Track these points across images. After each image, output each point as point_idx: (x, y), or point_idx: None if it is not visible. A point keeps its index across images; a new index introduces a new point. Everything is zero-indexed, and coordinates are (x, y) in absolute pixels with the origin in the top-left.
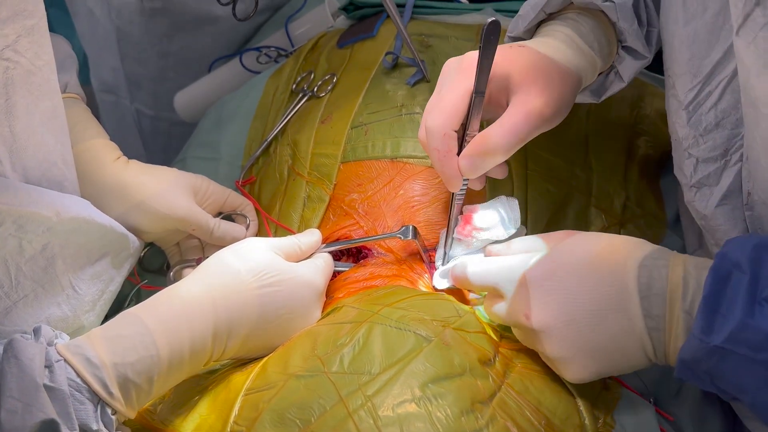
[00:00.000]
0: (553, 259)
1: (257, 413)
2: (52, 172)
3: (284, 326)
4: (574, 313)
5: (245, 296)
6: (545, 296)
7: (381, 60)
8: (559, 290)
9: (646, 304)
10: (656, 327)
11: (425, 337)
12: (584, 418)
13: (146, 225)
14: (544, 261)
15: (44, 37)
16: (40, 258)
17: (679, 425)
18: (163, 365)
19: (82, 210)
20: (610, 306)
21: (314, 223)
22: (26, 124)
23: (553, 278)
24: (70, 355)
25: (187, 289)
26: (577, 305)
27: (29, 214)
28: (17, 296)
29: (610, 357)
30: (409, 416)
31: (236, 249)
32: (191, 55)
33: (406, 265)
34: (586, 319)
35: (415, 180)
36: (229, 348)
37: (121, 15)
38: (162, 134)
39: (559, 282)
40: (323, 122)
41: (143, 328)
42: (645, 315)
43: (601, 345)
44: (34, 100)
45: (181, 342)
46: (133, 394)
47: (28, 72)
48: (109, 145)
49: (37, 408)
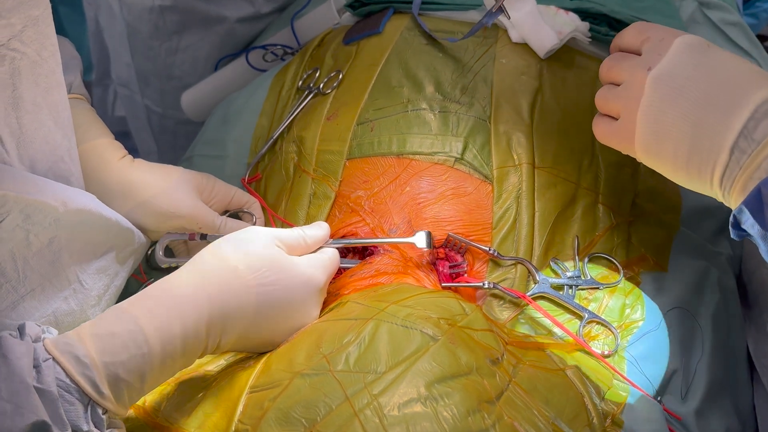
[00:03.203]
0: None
1: (262, 412)
2: (59, 166)
3: (281, 324)
4: (688, 88)
5: (242, 294)
6: (677, 62)
7: (388, 53)
8: (690, 67)
9: (752, 124)
10: (744, 150)
11: (432, 335)
12: (592, 417)
13: (152, 223)
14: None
15: (49, 28)
16: (47, 251)
17: (686, 425)
18: (155, 362)
19: (88, 202)
20: (720, 102)
21: (319, 220)
22: (33, 116)
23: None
24: (58, 353)
25: (182, 283)
26: (693, 83)
27: (36, 202)
28: (24, 290)
29: (680, 142)
30: (415, 416)
31: (236, 240)
32: (198, 53)
33: (412, 262)
34: (693, 96)
35: (421, 177)
36: (223, 344)
37: (131, 11)
38: (169, 132)
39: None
40: (329, 119)
41: (135, 326)
42: (743, 132)
43: (685, 126)
44: (41, 92)
45: (173, 339)
46: (125, 393)
47: (34, 63)
48: (114, 144)
49: (28, 410)
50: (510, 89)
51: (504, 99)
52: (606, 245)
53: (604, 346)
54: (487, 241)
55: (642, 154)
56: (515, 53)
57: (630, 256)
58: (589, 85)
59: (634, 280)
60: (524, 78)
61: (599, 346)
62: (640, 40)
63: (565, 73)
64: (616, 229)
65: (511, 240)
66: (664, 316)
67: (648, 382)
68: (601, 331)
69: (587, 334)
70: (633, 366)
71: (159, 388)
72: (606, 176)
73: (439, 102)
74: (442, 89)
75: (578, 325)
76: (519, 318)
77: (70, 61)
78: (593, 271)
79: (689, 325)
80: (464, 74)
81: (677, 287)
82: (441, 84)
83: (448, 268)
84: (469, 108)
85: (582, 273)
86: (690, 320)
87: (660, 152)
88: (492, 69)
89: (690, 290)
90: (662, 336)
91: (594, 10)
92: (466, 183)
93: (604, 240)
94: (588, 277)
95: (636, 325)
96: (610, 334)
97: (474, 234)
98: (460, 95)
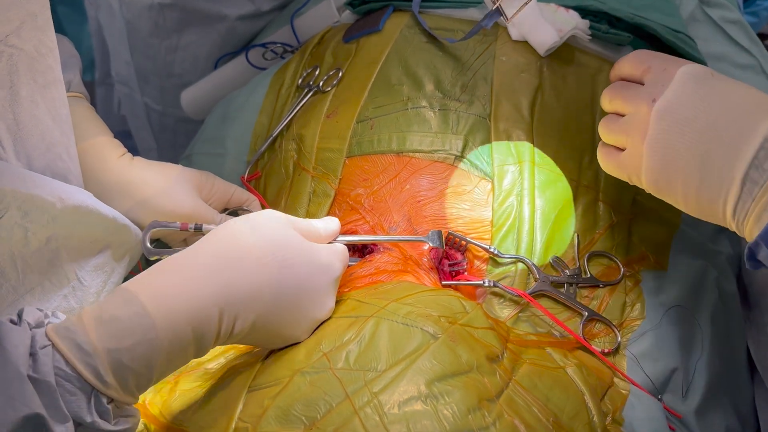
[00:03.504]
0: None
1: (262, 410)
2: (57, 164)
3: (296, 313)
4: (695, 119)
5: (259, 275)
6: (681, 93)
7: (388, 52)
8: (696, 98)
9: (762, 154)
10: (756, 181)
11: (432, 333)
12: (593, 415)
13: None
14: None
15: (47, 25)
16: (46, 250)
17: (686, 423)
18: (163, 349)
19: (85, 199)
20: (728, 133)
21: (320, 218)
22: (31, 112)
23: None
24: (58, 340)
25: (193, 262)
26: (700, 114)
27: (33, 197)
28: (24, 289)
29: (689, 175)
30: (415, 414)
31: (252, 220)
32: (198, 51)
33: (412, 260)
34: (700, 127)
35: (421, 174)
36: (237, 331)
37: (131, 9)
38: (168, 130)
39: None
40: (329, 117)
41: (140, 308)
42: (753, 162)
43: (693, 159)
44: (38, 88)
45: (183, 323)
46: (131, 381)
47: (32, 59)
48: (113, 143)
49: (21, 401)
50: (510, 87)
51: (504, 97)
52: (606, 243)
53: (604, 344)
54: (487, 239)
55: (650, 186)
56: (515, 51)
57: (630, 254)
58: (589, 82)
59: (634, 278)
60: (524, 76)
61: (599, 344)
62: (642, 69)
63: (565, 71)
64: (616, 227)
65: (512, 238)
66: (664, 315)
67: (648, 380)
68: (601, 329)
69: (588, 332)
70: (633, 364)
71: (158, 385)
72: (606, 174)
73: (439, 100)
74: (442, 87)
75: (578, 323)
76: (519, 316)
77: (68, 59)
78: (593, 269)
79: (689, 323)
80: (464, 72)
81: (677, 286)
82: (441, 82)
83: (448, 266)
84: (469, 106)
85: (582, 271)
86: (690, 319)
87: (669, 185)
88: (492, 67)
89: (689, 289)
90: (662, 334)
91: (594, 8)
92: (466, 181)
93: (604, 238)
94: (588, 275)
95: (636, 324)
96: (610, 332)
97: (474, 232)
98: (460, 93)
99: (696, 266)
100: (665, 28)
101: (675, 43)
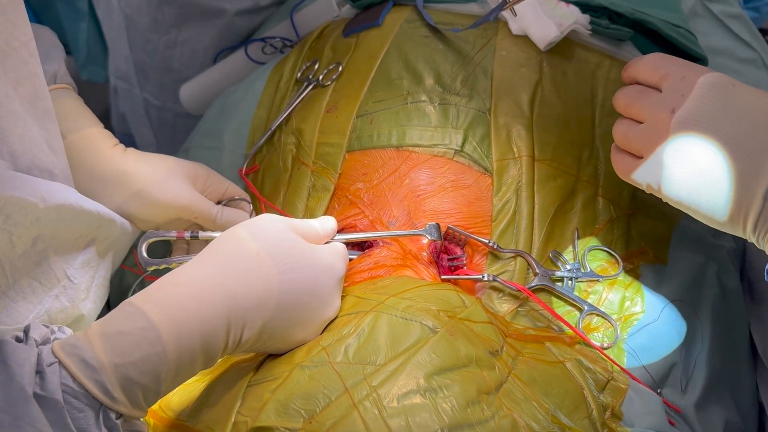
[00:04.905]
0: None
1: (262, 403)
2: (40, 158)
3: (303, 316)
4: (715, 132)
5: (264, 282)
6: (702, 104)
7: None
8: (716, 109)
9: None
10: None
11: (431, 327)
12: (592, 409)
13: (147, 213)
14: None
15: (20, 17)
16: (33, 252)
17: (686, 417)
18: (170, 362)
19: (68, 197)
20: (749, 146)
21: (319, 212)
22: (7, 108)
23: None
24: (65, 356)
25: (197, 273)
26: (721, 126)
27: (14, 199)
28: (15, 294)
29: (709, 188)
30: (414, 407)
31: (252, 226)
32: (197, 46)
33: (411, 255)
34: (721, 140)
35: (420, 169)
36: (244, 339)
37: (130, 4)
38: (167, 125)
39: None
40: (328, 111)
41: (146, 322)
42: None
43: (714, 172)
44: (11, 83)
45: (190, 335)
46: (140, 395)
47: (4, 54)
48: (104, 133)
49: (26, 421)
50: (510, 82)
51: (504, 91)
52: (606, 238)
53: (603, 338)
54: (487, 234)
55: (669, 197)
56: (515, 45)
57: (630, 249)
58: (589, 78)
59: (633, 272)
60: (524, 70)
61: (599, 339)
62: (659, 75)
63: (566, 66)
64: (616, 221)
65: (511, 232)
66: (663, 309)
67: (648, 374)
68: (600, 323)
69: (587, 327)
70: (633, 358)
71: None
72: (606, 169)
73: (438, 94)
74: (441, 81)
75: (578, 318)
76: (518, 310)
77: (50, 49)
78: (593, 264)
79: (689, 318)
80: (464, 66)
81: (677, 280)
82: (441, 76)
83: (448, 260)
84: (469, 100)
85: (582, 265)
86: (690, 313)
87: (689, 197)
88: (492, 61)
89: (689, 284)
90: (662, 329)
91: (594, 3)
92: (466, 175)
93: (603, 232)
94: (587, 269)
95: (635, 318)
96: (609, 327)
97: (473, 226)
98: (460, 87)
99: (696, 261)
100: (666, 23)
101: (676, 39)
